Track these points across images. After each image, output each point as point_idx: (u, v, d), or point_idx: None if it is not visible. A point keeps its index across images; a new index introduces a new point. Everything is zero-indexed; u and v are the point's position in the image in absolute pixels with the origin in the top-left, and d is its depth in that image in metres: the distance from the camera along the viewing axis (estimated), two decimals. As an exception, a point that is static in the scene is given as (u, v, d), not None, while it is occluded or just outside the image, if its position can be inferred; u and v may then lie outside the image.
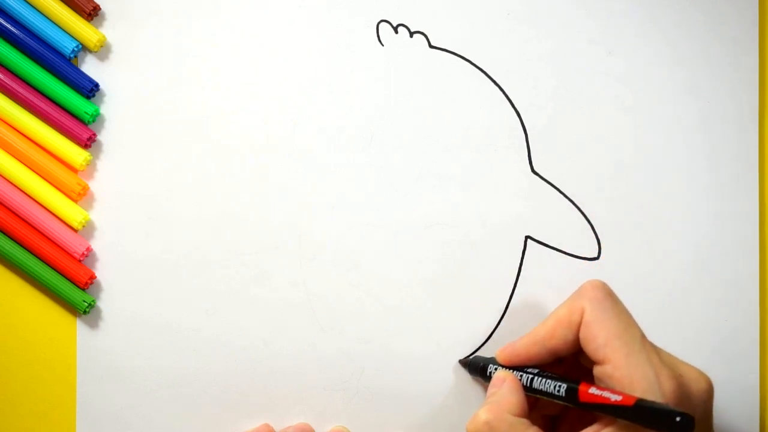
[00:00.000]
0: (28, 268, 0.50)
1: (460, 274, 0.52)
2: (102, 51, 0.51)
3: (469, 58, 0.52)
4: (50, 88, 0.50)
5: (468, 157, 0.52)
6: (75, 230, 0.51)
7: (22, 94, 0.50)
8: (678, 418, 0.38)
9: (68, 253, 0.50)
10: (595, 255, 0.52)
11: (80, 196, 0.51)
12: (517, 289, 0.52)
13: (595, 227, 0.52)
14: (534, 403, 0.47)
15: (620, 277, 0.52)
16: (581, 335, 0.44)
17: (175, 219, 0.51)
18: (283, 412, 0.51)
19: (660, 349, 0.44)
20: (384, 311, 0.52)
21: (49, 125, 0.50)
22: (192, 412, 0.51)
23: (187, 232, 0.51)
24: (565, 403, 0.43)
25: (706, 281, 0.53)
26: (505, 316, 0.52)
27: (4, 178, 0.50)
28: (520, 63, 0.52)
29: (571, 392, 0.43)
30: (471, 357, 0.51)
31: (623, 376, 0.41)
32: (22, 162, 0.50)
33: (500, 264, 0.52)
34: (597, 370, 0.43)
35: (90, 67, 0.51)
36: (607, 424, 0.41)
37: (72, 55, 0.50)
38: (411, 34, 0.52)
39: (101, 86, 0.51)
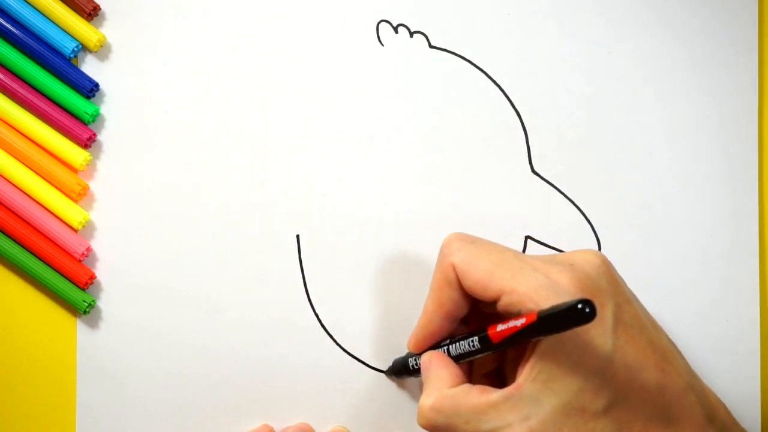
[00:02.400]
0: (28, 268, 0.50)
1: (460, 274, 0.52)
2: (102, 51, 0.51)
3: (469, 58, 0.52)
4: (50, 88, 0.50)
5: (468, 157, 0.52)
6: (75, 230, 0.51)
7: (22, 94, 0.50)
8: (579, 306, 0.37)
9: (68, 253, 0.50)
10: (595, 255, 0.52)
11: (80, 196, 0.51)
12: (517, 289, 0.52)
13: (595, 227, 0.52)
14: (468, 369, 0.46)
15: (620, 277, 0.52)
16: (465, 285, 0.43)
17: (175, 219, 0.51)
18: (283, 412, 0.51)
19: (537, 255, 0.44)
20: (384, 311, 0.52)
21: (49, 125, 0.50)
22: (192, 413, 0.51)
23: (187, 232, 0.51)
24: (487, 353, 0.43)
25: (706, 281, 0.53)
26: (505, 316, 0.52)
27: (4, 178, 0.50)
28: (520, 63, 0.52)
29: (484, 339, 0.42)
30: (390, 366, 0.51)
31: (521, 297, 0.41)
32: (22, 162, 0.50)
33: (500, 264, 0.52)
34: (500, 307, 0.42)
35: (90, 67, 0.51)
36: (533, 352, 0.41)
37: (72, 55, 0.50)
38: (411, 34, 0.52)
39: (101, 86, 0.51)
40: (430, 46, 0.52)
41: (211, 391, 0.51)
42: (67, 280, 0.50)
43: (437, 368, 0.44)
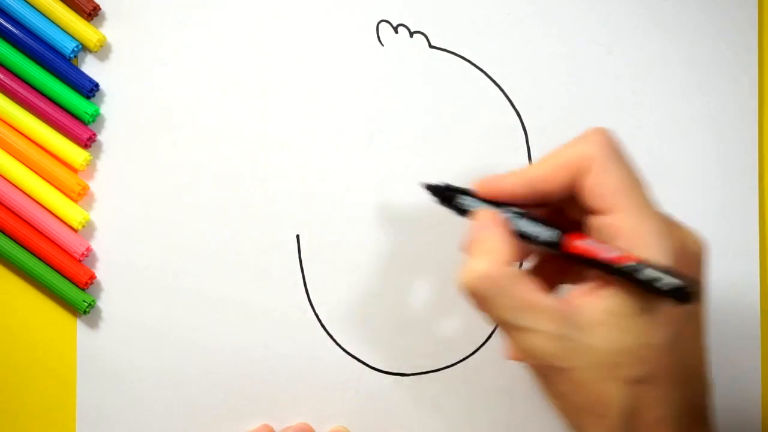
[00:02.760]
0: (28, 268, 0.50)
1: (460, 274, 0.52)
2: (102, 51, 0.51)
3: (469, 58, 0.52)
4: (50, 88, 0.50)
5: (468, 157, 0.52)
6: (75, 230, 0.51)
7: (22, 94, 0.50)
8: (686, 287, 0.35)
9: (68, 253, 0.50)
10: (595, 255, 0.52)
11: (80, 196, 0.51)
12: (517, 289, 0.52)
13: (595, 227, 0.52)
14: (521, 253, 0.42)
15: (620, 277, 0.52)
16: (589, 181, 0.39)
17: (175, 219, 0.51)
18: (283, 412, 0.51)
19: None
20: (384, 311, 0.52)
21: (49, 125, 0.50)
22: (192, 413, 0.51)
23: (187, 232, 0.51)
24: (553, 251, 0.39)
25: (706, 281, 0.53)
26: (505, 316, 0.52)
27: (4, 178, 0.50)
28: (520, 63, 0.52)
29: (563, 239, 0.39)
30: (436, 184, 0.44)
31: (632, 226, 0.38)
32: (22, 162, 0.50)
33: (500, 264, 0.52)
34: (598, 221, 0.39)
35: (90, 67, 0.51)
36: (594, 298, 0.38)
37: (72, 55, 0.50)
38: (411, 34, 0.52)
39: (101, 86, 0.51)
40: (430, 46, 0.52)
41: (211, 391, 0.51)
42: (67, 280, 0.50)
43: (498, 235, 0.39)
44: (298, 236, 0.52)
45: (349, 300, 0.52)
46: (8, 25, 0.50)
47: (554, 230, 0.39)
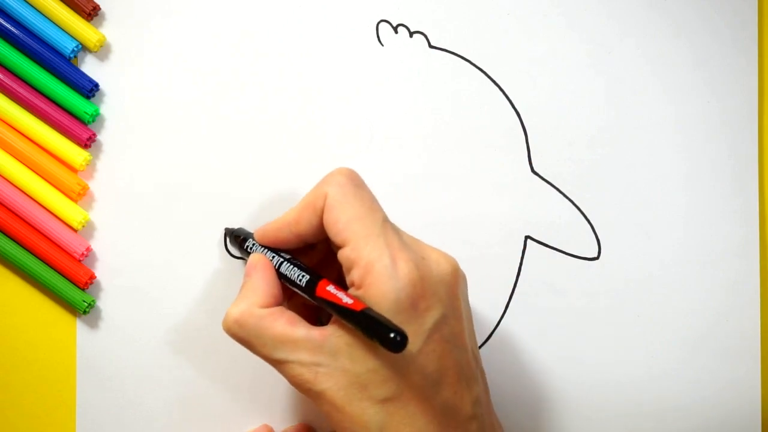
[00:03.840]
0: (28, 268, 0.50)
1: (460, 274, 0.52)
2: (102, 51, 0.51)
3: (469, 58, 0.52)
4: (50, 88, 0.50)
5: (468, 157, 0.52)
6: (75, 230, 0.51)
7: (22, 94, 0.50)
8: (392, 335, 0.38)
9: (68, 253, 0.50)
10: (595, 255, 0.52)
11: (80, 196, 0.51)
12: (517, 289, 0.52)
13: (595, 227, 0.52)
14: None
15: (620, 277, 0.52)
16: (324, 218, 0.43)
17: (175, 219, 0.51)
18: (283, 412, 0.51)
19: (404, 232, 0.44)
20: (384, 311, 0.52)
21: (49, 125, 0.50)
22: (192, 413, 0.51)
23: (187, 233, 0.51)
24: (305, 295, 0.43)
25: (706, 281, 0.53)
26: (505, 316, 0.52)
27: (4, 178, 0.50)
28: (520, 63, 0.52)
29: (311, 284, 0.43)
30: (237, 228, 0.50)
31: (360, 257, 0.41)
32: (22, 162, 0.50)
33: (500, 264, 0.52)
34: (340, 255, 0.43)
35: (90, 67, 0.51)
36: (339, 326, 0.42)
37: (72, 55, 0.50)
38: (411, 34, 0.52)
39: (101, 86, 0.51)
40: (430, 46, 0.52)
41: (211, 392, 0.51)
42: (67, 280, 0.50)
43: (259, 279, 0.44)
44: (298, 236, 0.52)
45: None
46: (8, 25, 0.50)
47: (306, 275, 0.43)
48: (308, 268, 0.44)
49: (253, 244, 0.47)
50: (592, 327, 0.52)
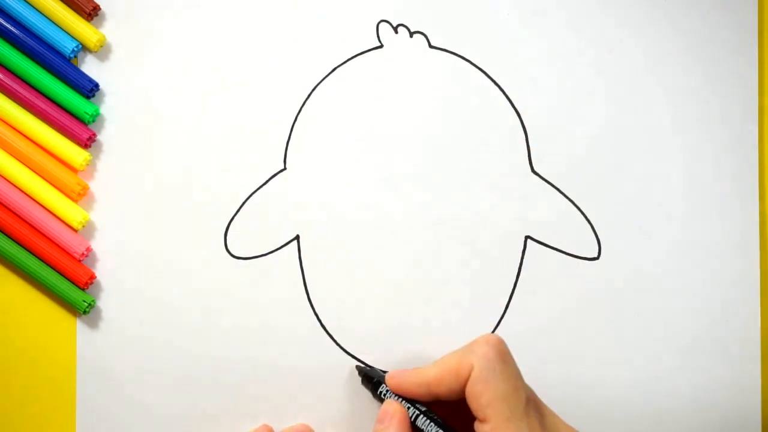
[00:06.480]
0: (28, 268, 0.50)
1: (460, 274, 0.52)
2: (102, 51, 0.51)
3: (469, 58, 0.52)
4: (50, 88, 0.50)
5: (468, 157, 0.52)
6: (75, 230, 0.51)
7: (22, 94, 0.50)
8: None
9: (68, 253, 0.50)
10: (595, 255, 0.52)
11: (80, 196, 0.51)
12: (517, 289, 0.52)
13: (595, 227, 0.52)
14: None
15: (620, 277, 0.52)
16: (467, 390, 0.44)
17: (175, 219, 0.51)
18: (283, 412, 0.51)
19: (549, 412, 0.45)
20: (384, 311, 0.52)
21: (49, 125, 0.50)
22: (192, 413, 0.51)
23: (186, 233, 0.51)
24: None
25: (706, 281, 0.53)
26: (505, 316, 0.52)
27: (4, 178, 0.50)
28: (520, 63, 0.52)
29: None
30: (368, 368, 0.51)
31: None
32: (22, 162, 0.50)
33: (500, 264, 0.52)
34: (477, 427, 0.44)
35: (90, 67, 0.51)
36: None
37: (72, 55, 0.50)
38: (411, 34, 0.52)
39: (101, 86, 0.51)
40: (430, 46, 0.52)
41: (211, 391, 0.51)
42: (67, 280, 0.50)
43: (394, 429, 0.46)
44: (298, 236, 0.52)
45: (349, 300, 0.52)
46: (8, 25, 0.50)
47: (444, 430, 0.45)
48: (444, 423, 0.45)
49: (387, 392, 0.48)
50: (592, 327, 0.52)
